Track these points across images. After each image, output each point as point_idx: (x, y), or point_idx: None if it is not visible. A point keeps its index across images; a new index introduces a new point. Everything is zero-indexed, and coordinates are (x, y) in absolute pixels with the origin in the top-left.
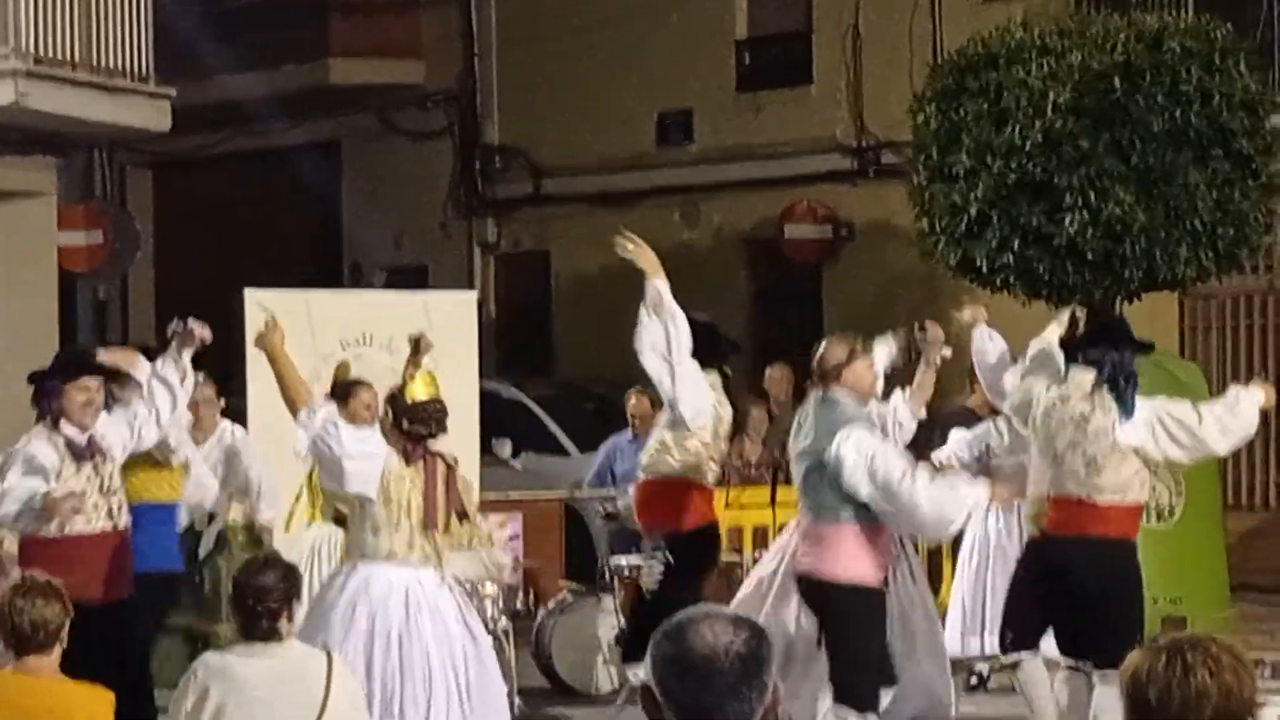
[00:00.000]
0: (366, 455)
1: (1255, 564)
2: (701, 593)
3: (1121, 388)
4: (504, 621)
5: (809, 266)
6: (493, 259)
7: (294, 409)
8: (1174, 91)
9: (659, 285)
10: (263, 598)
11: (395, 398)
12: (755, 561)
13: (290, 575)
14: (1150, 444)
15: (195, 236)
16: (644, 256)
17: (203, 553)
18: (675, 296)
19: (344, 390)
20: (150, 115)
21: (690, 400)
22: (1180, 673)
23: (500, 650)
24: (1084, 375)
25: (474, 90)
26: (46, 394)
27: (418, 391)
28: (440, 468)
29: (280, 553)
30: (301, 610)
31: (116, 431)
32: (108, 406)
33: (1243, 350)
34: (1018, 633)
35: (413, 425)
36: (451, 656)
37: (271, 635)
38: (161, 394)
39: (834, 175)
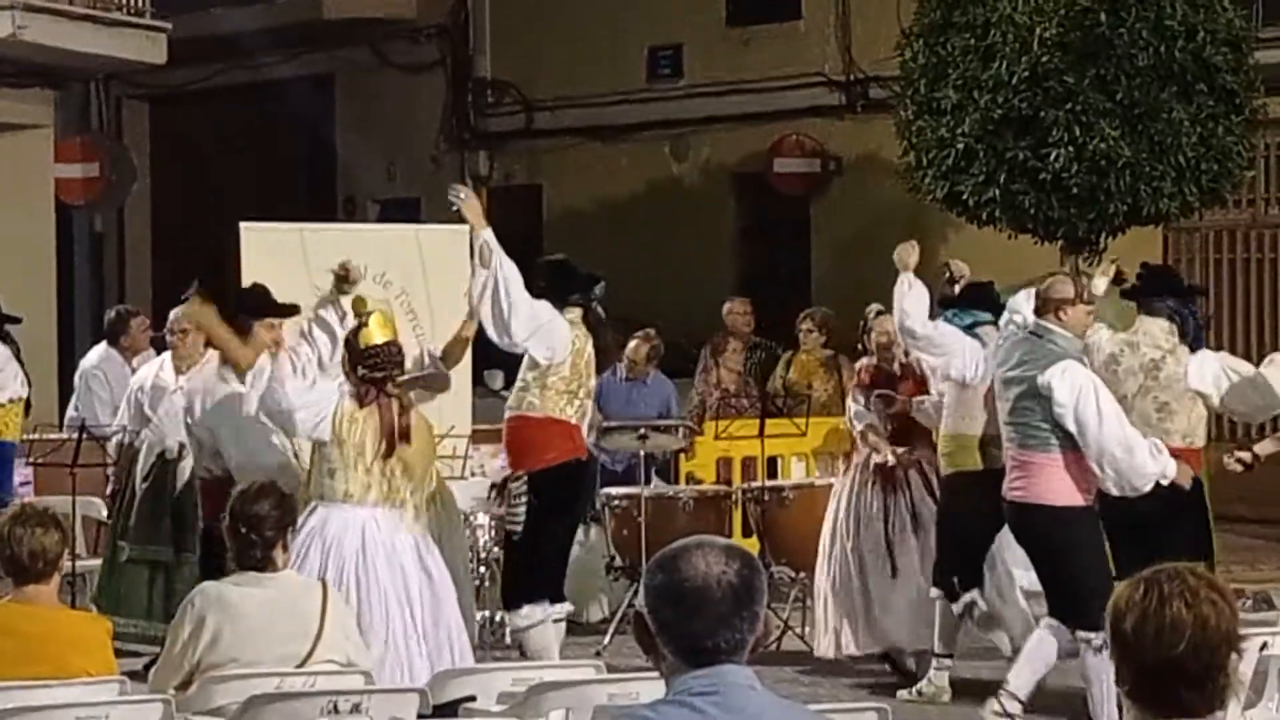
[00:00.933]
0: (313, 403)
1: (1235, 493)
2: (573, 529)
3: (1192, 334)
4: (495, 551)
5: (797, 200)
6: (485, 191)
7: (239, 373)
8: (1159, 27)
9: (485, 236)
10: (257, 526)
11: (349, 341)
12: (744, 491)
13: (285, 503)
14: (1215, 395)
15: (191, 169)
16: (470, 208)
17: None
18: (664, 230)
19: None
20: (146, 48)
21: (541, 339)
22: (1156, 603)
23: (492, 579)
24: (1154, 323)
25: (466, 24)
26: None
27: (373, 335)
28: (395, 407)
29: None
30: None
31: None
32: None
33: (1225, 283)
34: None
35: (368, 371)
36: (407, 594)
37: (266, 564)
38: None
39: (822, 110)
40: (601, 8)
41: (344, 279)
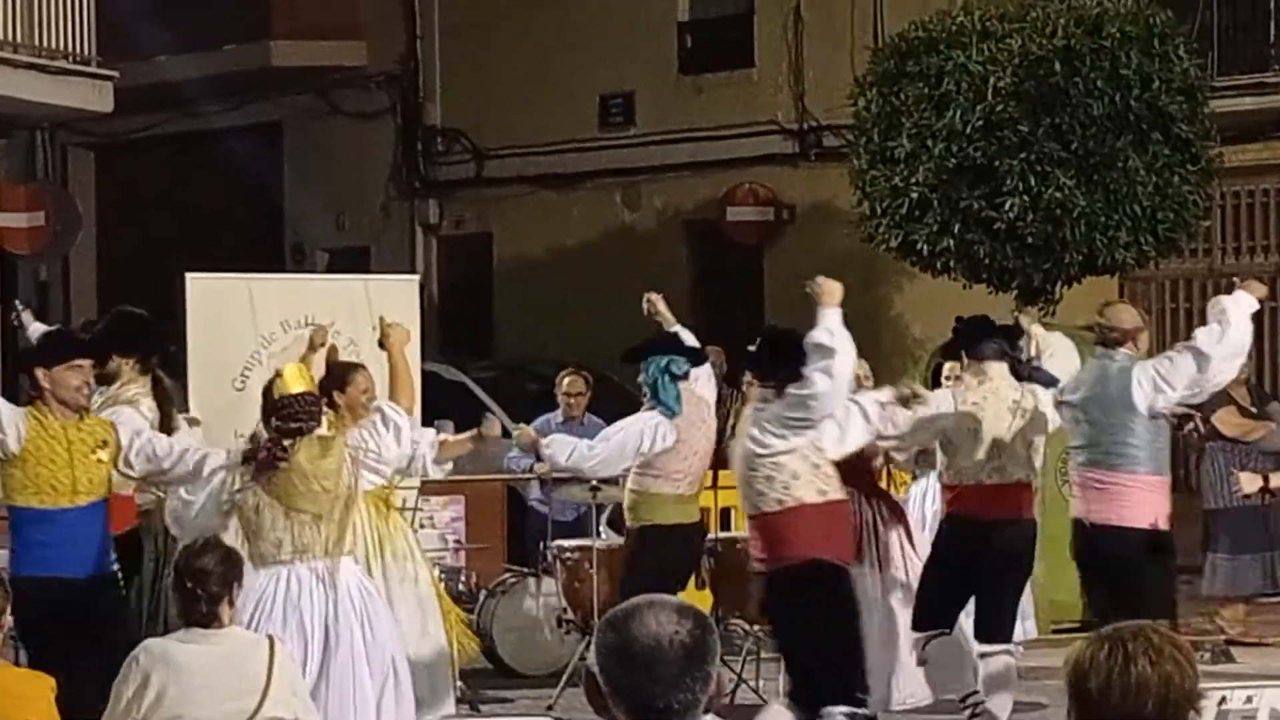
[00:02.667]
0: (206, 495)
1: (1185, 545)
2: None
3: (1027, 373)
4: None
5: (750, 249)
6: (435, 240)
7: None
8: (1114, 76)
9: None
10: (202, 582)
11: (266, 392)
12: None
13: (230, 559)
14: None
15: (138, 218)
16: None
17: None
18: (616, 279)
19: (340, 376)
20: (92, 96)
21: None
22: (1121, 662)
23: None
24: (995, 366)
25: (416, 71)
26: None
27: (290, 384)
28: (275, 462)
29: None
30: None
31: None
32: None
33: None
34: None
35: (281, 422)
36: (305, 648)
37: (211, 620)
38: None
39: (775, 158)
40: (553, 55)
41: (311, 345)
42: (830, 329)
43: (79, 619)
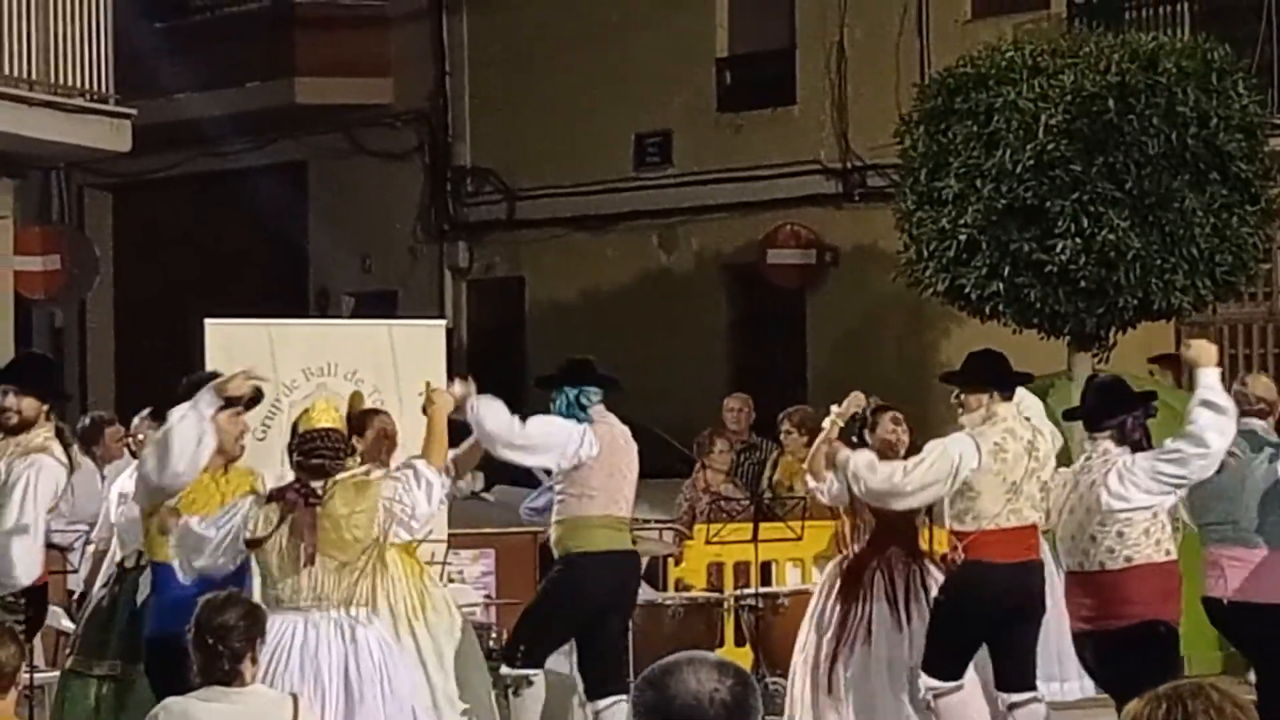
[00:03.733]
0: (222, 539)
1: None
2: None
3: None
4: None
5: (791, 293)
6: (464, 284)
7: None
8: (1170, 113)
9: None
10: (224, 637)
11: (294, 426)
12: (736, 598)
13: (253, 614)
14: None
15: (156, 261)
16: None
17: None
18: (653, 324)
19: (359, 421)
20: (110, 135)
21: None
22: None
23: None
24: (1005, 406)
25: (445, 110)
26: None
27: (314, 420)
28: (304, 506)
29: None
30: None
31: None
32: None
33: None
34: None
35: (302, 458)
36: (322, 705)
37: (234, 678)
38: None
39: (818, 198)
40: (587, 92)
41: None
42: (1216, 389)
43: None
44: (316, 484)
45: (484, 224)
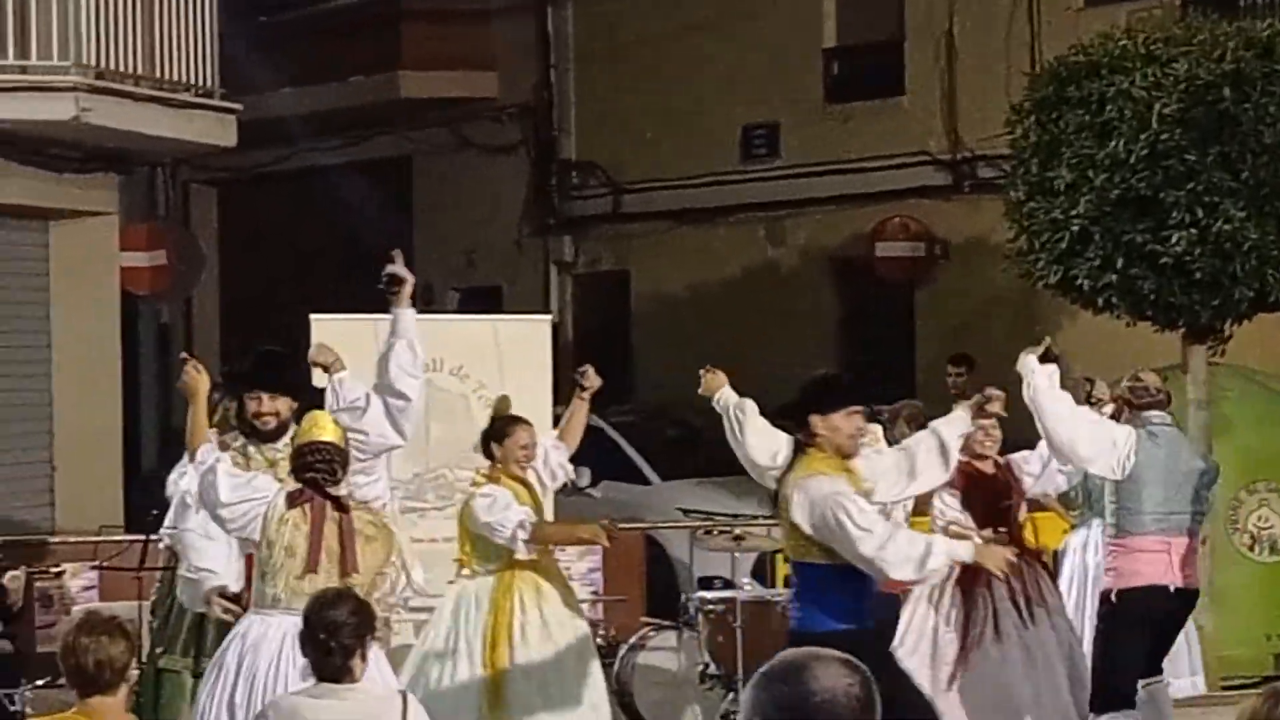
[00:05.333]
0: (244, 499)
1: None
2: None
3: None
4: None
5: (900, 286)
6: (570, 278)
7: (192, 451)
8: None
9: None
10: (335, 633)
11: (292, 438)
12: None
13: (362, 610)
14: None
15: (262, 256)
16: None
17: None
18: (759, 318)
19: (501, 428)
20: (215, 130)
21: None
22: None
23: None
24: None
25: (550, 103)
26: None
27: (309, 432)
28: (330, 511)
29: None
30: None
31: None
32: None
33: None
34: None
35: (298, 471)
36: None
37: (343, 674)
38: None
39: (927, 190)
40: (693, 85)
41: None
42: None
43: None
44: (336, 492)
45: (589, 218)
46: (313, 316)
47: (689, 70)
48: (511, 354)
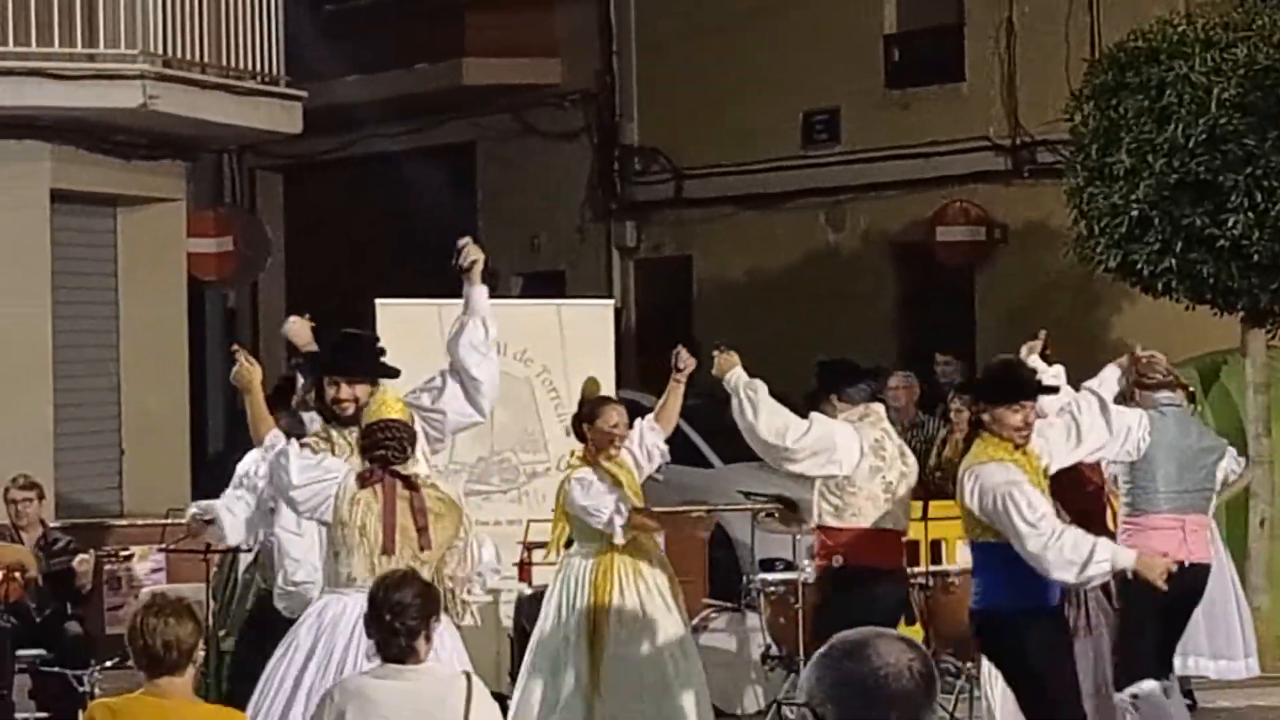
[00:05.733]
0: (315, 480)
1: None
2: None
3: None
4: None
5: (960, 270)
6: (632, 264)
7: (259, 440)
8: None
9: None
10: (400, 614)
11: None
12: (907, 576)
13: (428, 592)
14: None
15: (327, 242)
16: None
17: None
18: (820, 302)
19: (590, 409)
20: (281, 117)
21: None
22: None
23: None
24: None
25: (612, 89)
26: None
27: (382, 411)
28: (400, 490)
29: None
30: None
31: None
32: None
33: None
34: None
35: (365, 451)
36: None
37: (408, 655)
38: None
39: (987, 175)
40: (754, 71)
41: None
42: None
43: None
44: (405, 471)
45: (651, 203)
46: (379, 301)
47: (750, 56)
48: (575, 339)
